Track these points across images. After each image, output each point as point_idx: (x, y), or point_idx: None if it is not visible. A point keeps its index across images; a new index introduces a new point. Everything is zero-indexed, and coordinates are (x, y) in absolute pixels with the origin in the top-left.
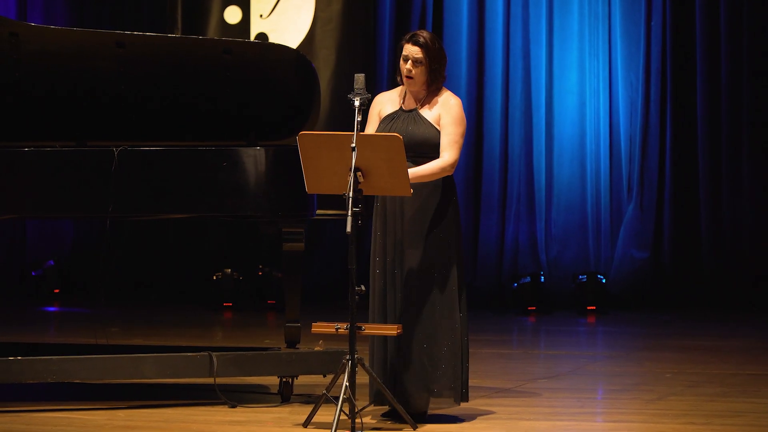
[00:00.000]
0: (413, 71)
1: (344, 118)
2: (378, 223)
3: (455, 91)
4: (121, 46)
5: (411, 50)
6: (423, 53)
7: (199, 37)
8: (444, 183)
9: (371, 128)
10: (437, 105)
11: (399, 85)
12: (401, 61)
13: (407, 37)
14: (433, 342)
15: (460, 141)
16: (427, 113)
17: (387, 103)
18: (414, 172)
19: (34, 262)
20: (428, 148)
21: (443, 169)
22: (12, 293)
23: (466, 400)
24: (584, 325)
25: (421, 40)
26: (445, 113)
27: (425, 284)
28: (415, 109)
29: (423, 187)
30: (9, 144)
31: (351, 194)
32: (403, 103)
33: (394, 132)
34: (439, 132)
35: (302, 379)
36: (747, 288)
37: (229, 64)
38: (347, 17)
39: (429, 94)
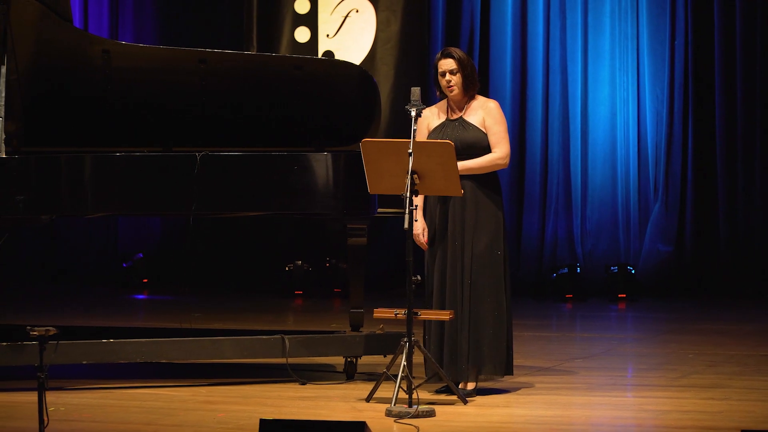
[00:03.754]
0: (452, 80)
1: (402, 126)
2: (431, 219)
3: (501, 103)
4: (203, 62)
5: (446, 63)
6: (456, 64)
7: (273, 54)
8: (493, 183)
9: (420, 139)
10: (479, 110)
11: (438, 101)
12: (439, 77)
13: (439, 55)
14: (482, 324)
15: (507, 136)
16: (472, 118)
17: (432, 117)
18: (473, 163)
19: (125, 254)
20: (479, 150)
21: (497, 162)
22: (106, 282)
23: (511, 372)
24: (615, 311)
25: (453, 53)
26: (488, 116)
27: (476, 273)
28: (461, 117)
29: (476, 187)
30: (103, 150)
31: (408, 194)
32: (447, 114)
33: (445, 139)
34: (485, 134)
35: (365, 359)
36: (759, 278)
37: (299, 79)
38: (404, 37)
39: (468, 102)
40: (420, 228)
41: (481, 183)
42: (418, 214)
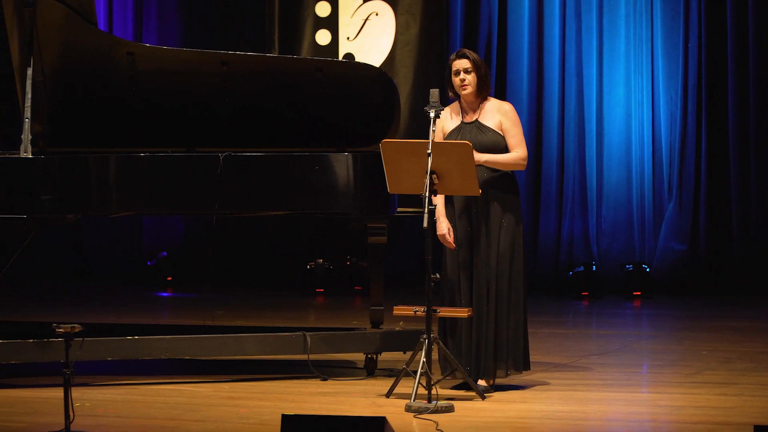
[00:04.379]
0: (466, 79)
1: (421, 127)
2: (451, 218)
3: (517, 105)
4: (225, 64)
5: (461, 63)
6: (471, 63)
7: (294, 57)
8: (511, 184)
9: (437, 140)
10: (495, 113)
11: (450, 103)
12: (453, 77)
13: (453, 56)
14: (500, 321)
15: (523, 138)
16: (488, 121)
17: (446, 120)
18: (499, 157)
19: (149, 253)
20: (497, 152)
21: (517, 161)
22: (130, 280)
23: (528, 368)
24: (631, 308)
25: (467, 53)
26: (505, 119)
27: (494, 271)
28: (477, 120)
29: (497, 188)
30: (127, 150)
31: (427, 194)
32: (461, 117)
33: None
34: (502, 137)
35: (385, 356)
36: None
37: (320, 80)
38: (423, 40)
39: (480, 103)
40: (445, 228)
41: (501, 183)
42: (441, 215)
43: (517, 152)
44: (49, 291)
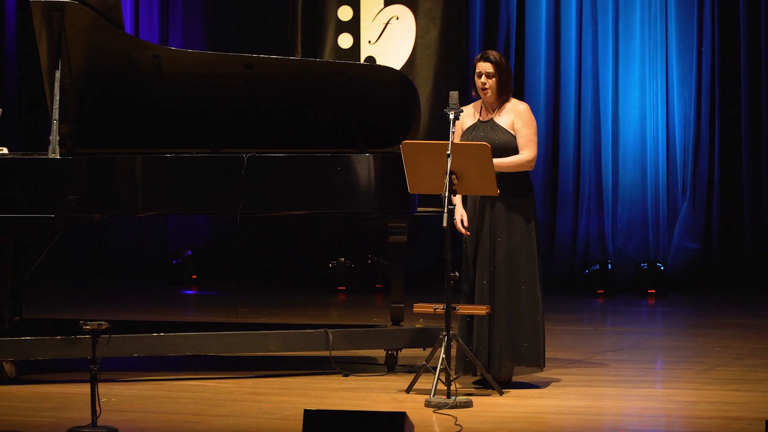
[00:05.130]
0: (487, 83)
1: (441, 129)
2: (469, 218)
3: (535, 107)
4: (249, 67)
5: (484, 66)
6: (493, 68)
7: (316, 60)
8: (524, 183)
9: (456, 140)
10: (509, 112)
11: (473, 101)
12: (476, 77)
13: (478, 57)
14: (517, 319)
15: (534, 139)
16: (502, 121)
17: (466, 116)
18: (499, 162)
19: (174, 251)
20: (507, 152)
21: (523, 164)
22: (156, 279)
23: (543, 365)
24: (645, 306)
25: (491, 57)
26: (517, 118)
27: (510, 269)
28: (491, 119)
29: (506, 187)
30: (153, 151)
31: (446, 194)
32: (480, 115)
33: (476, 140)
34: (514, 136)
35: (405, 352)
36: None
37: (342, 83)
38: (443, 43)
39: (500, 104)
40: (458, 216)
41: (510, 183)
42: (458, 204)
43: (523, 154)
44: (76, 289)
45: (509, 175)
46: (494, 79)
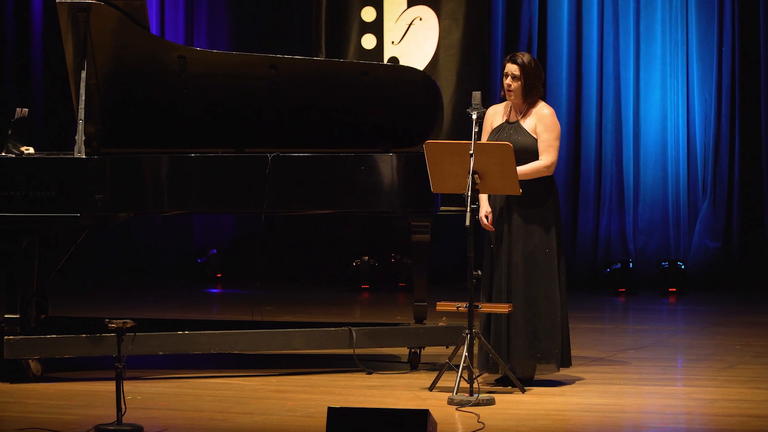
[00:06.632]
0: (512, 85)
1: (464, 128)
2: (491, 217)
3: (557, 107)
4: (274, 68)
5: (510, 68)
6: (520, 70)
7: (340, 60)
8: (546, 183)
9: (485, 137)
10: (533, 116)
11: (505, 100)
12: (503, 78)
13: (508, 57)
14: (537, 317)
15: (555, 144)
16: (526, 124)
17: (496, 115)
18: (517, 170)
19: (199, 250)
20: (528, 155)
21: (539, 170)
22: (181, 277)
23: (569, 365)
24: (666, 304)
25: (518, 59)
26: (540, 122)
27: (527, 271)
28: (517, 121)
29: (529, 187)
30: (178, 151)
31: (469, 194)
32: (508, 116)
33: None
34: (536, 140)
35: (428, 350)
36: None
37: (365, 83)
38: (466, 44)
39: (527, 107)
40: (483, 212)
41: (529, 189)
42: (483, 200)
43: (541, 159)
44: (102, 287)
45: (529, 181)
46: (519, 82)
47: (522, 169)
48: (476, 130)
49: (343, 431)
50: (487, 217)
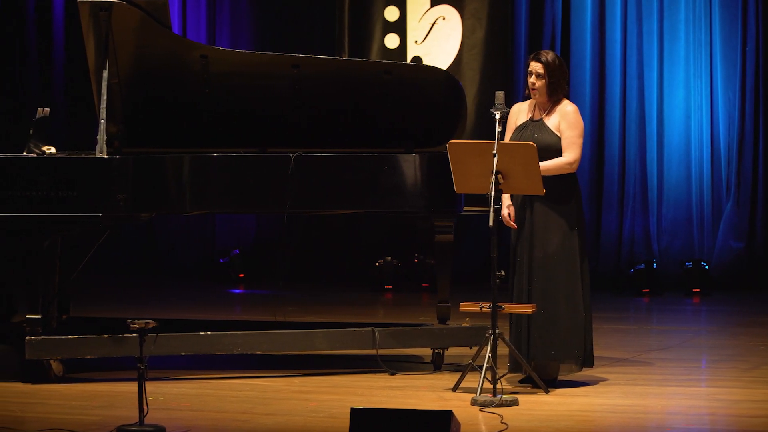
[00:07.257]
0: (536, 84)
1: (487, 128)
2: (513, 215)
3: (580, 107)
4: (296, 67)
5: (534, 66)
6: (544, 69)
7: (363, 60)
8: (568, 182)
9: (509, 134)
10: (557, 114)
11: (529, 98)
12: (528, 76)
13: (532, 55)
14: (557, 317)
15: (578, 141)
16: (550, 122)
17: (520, 113)
18: (540, 165)
19: (222, 250)
20: (551, 153)
21: (562, 167)
22: (203, 277)
23: (591, 365)
24: (690, 304)
25: (542, 58)
26: (563, 120)
27: (548, 272)
28: (541, 119)
29: (551, 186)
30: (201, 150)
31: (492, 193)
32: (533, 113)
33: (523, 140)
34: (559, 138)
35: (451, 351)
36: None
37: (388, 83)
38: (489, 43)
39: (551, 105)
40: (506, 210)
41: (552, 188)
42: (506, 198)
43: (564, 156)
44: (124, 287)
45: (552, 180)
46: (544, 80)
47: (545, 165)
48: (499, 129)
49: None
50: (510, 215)
